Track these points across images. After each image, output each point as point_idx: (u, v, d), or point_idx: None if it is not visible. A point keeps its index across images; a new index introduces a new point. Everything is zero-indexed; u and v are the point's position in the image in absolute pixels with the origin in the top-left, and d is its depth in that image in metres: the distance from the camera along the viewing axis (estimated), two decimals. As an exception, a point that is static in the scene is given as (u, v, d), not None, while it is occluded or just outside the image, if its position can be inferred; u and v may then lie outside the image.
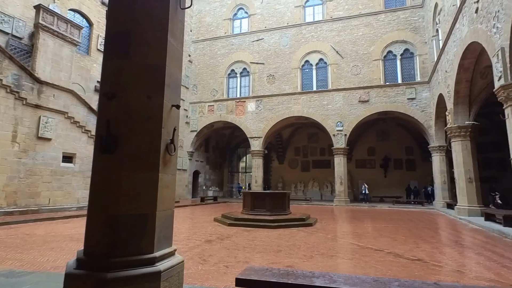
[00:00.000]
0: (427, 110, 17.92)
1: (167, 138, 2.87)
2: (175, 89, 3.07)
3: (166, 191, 2.84)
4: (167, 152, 2.86)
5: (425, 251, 6.05)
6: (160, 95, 2.82)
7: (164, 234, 2.79)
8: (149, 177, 2.67)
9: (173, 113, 3.01)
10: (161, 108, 2.81)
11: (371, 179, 23.60)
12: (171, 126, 2.95)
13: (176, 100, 3.06)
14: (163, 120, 2.82)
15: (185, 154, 22.53)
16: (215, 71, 23.13)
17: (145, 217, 2.61)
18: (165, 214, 2.82)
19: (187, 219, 11.50)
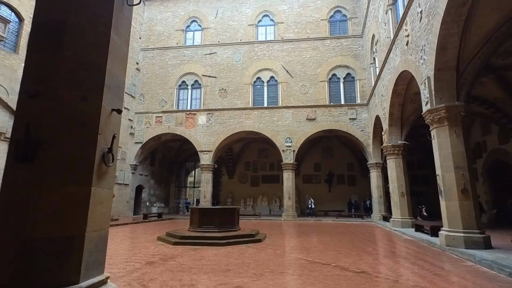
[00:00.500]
0: (366, 129, 19.55)
1: (104, 146, 2.51)
2: (117, 91, 2.73)
3: (100, 208, 2.44)
4: (103, 162, 2.48)
5: (367, 263, 6.32)
6: (98, 97, 2.47)
7: (94, 259, 2.37)
8: (78, 191, 2.27)
9: (114, 118, 2.66)
10: (99, 111, 2.46)
11: (317, 194, 24.63)
12: (110, 133, 2.59)
13: (117, 104, 2.71)
14: (100, 126, 2.46)
15: (127, 167, 20.89)
16: (165, 82, 22.30)
17: (70, 239, 2.18)
18: (97, 235, 2.41)
19: (126, 238, 10.46)
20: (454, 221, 7.43)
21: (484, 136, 15.87)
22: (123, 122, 20.28)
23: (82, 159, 2.30)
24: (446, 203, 7.65)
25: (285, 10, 22.48)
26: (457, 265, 6.07)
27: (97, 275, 2.37)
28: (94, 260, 2.35)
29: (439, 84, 8.03)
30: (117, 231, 12.42)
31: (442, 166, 7.83)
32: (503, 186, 14.94)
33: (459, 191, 7.40)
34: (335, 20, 22.08)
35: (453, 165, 7.58)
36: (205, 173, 20.67)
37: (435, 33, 7.65)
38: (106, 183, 2.52)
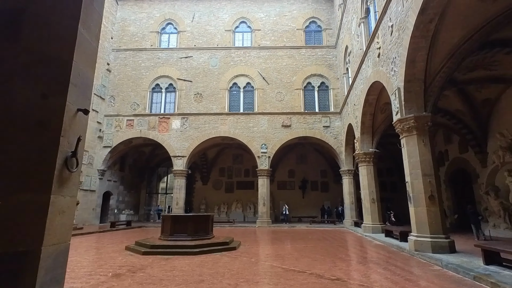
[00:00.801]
0: (339, 137, 20.09)
1: (67, 149, 2.27)
2: (84, 90, 2.50)
3: (61, 218, 2.19)
4: (65, 167, 2.24)
5: (342, 269, 6.36)
6: (61, 95, 2.23)
7: (52, 277, 2.10)
8: (34, 200, 2.01)
9: (79, 119, 2.43)
10: (62, 111, 2.22)
11: (291, 200, 24.82)
12: (75, 135, 2.35)
13: (84, 103, 2.48)
14: (63, 127, 2.22)
15: (95, 172, 19.78)
16: (138, 84, 21.54)
17: (23, 256, 1.92)
18: (56, 249, 2.15)
19: (91, 249, 9.79)
20: (422, 227, 7.73)
21: (446, 145, 16.91)
22: (91, 125, 19.27)
23: (40, 163, 2.05)
24: (415, 209, 7.96)
25: (262, 18, 22.75)
26: (426, 269, 6.28)
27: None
28: (52, 278, 2.08)
29: (409, 95, 8.42)
30: (81, 241, 11.62)
31: (411, 173, 8.17)
32: (463, 193, 15.94)
33: (427, 197, 7.74)
34: (310, 30, 22.69)
35: (421, 173, 7.93)
36: (178, 179, 20.08)
37: (405, 47, 8.04)
38: (68, 190, 2.27)
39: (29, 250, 1.94)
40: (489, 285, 4.82)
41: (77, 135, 2.36)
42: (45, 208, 2.04)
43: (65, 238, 2.26)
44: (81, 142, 2.40)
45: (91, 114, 19.55)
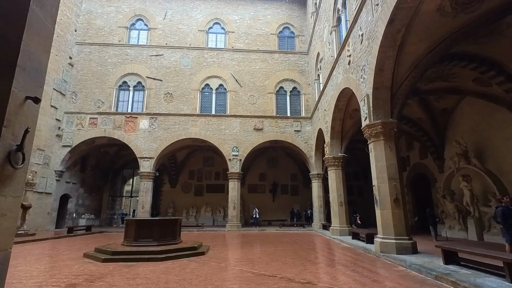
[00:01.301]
0: (309, 142, 20.48)
1: (11, 142, 1.97)
2: (35, 75, 2.20)
3: (1, 222, 1.88)
4: (8, 163, 1.94)
5: (312, 272, 6.36)
6: (5, 79, 1.94)
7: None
8: (-35, 200, 1.70)
9: (28, 108, 2.13)
10: (6, 97, 1.93)
11: (261, 204, 24.81)
12: (21, 127, 2.05)
13: (35, 91, 2.18)
14: (7, 116, 1.93)
15: (51, 173, 18.29)
16: (103, 80, 20.38)
17: None
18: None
19: (44, 257, 8.93)
20: (387, 229, 8.01)
21: (408, 151, 17.91)
22: (48, 122, 17.88)
23: (-25, 157, 1.74)
24: (381, 212, 8.24)
25: (236, 20, 22.69)
26: (391, 270, 6.48)
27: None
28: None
29: (377, 101, 8.74)
30: (33, 248, 10.60)
31: (378, 177, 8.46)
32: (423, 196, 16.93)
33: (392, 200, 8.04)
34: (284, 35, 23.02)
35: (387, 176, 8.24)
36: (144, 181, 19.20)
37: (374, 55, 8.35)
38: (11, 189, 1.96)
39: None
40: (449, 284, 5.05)
41: (25, 127, 2.06)
42: (-22, 210, 1.72)
43: (6, 245, 1.94)
44: (30, 134, 2.10)
45: (49, 111, 18.23)
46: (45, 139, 17.76)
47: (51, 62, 18.00)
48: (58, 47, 18.86)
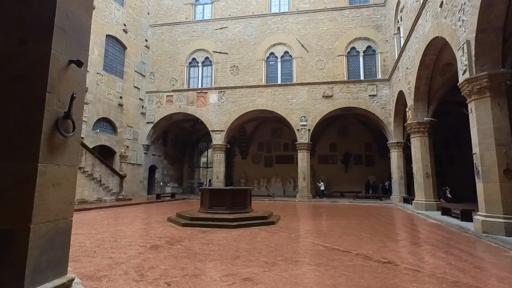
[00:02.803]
0: (387, 107, 18.31)
1: (58, 109, 1.86)
2: (76, 37, 2.04)
3: (55, 192, 1.84)
4: (57, 131, 1.84)
5: (393, 251, 5.65)
6: (44, 41, 1.80)
7: (49, 258, 1.79)
8: (17, 169, 1.65)
9: (73, 73, 1.99)
10: (46, 61, 1.79)
11: (332, 175, 23.91)
12: (67, 92, 1.93)
13: (78, 54, 2.03)
14: (50, 81, 1.80)
15: (140, 147, 20.74)
16: (175, 59, 21.55)
17: (8, 234, 1.60)
18: (52, 227, 1.82)
19: (136, 219, 10.22)
20: (493, 205, 6.56)
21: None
22: (134, 102, 19.92)
23: (23, 126, 1.67)
24: (484, 185, 6.77)
25: (301, -22, 20.83)
26: (499, 256, 5.30)
27: (55, 277, 1.81)
28: (49, 259, 1.78)
29: (481, 48, 6.90)
30: (129, 211, 12.29)
31: (481, 143, 6.87)
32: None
33: (501, 171, 6.48)
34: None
35: (495, 142, 6.61)
36: (217, 153, 20.24)
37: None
38: (64, 158, 1.90)
39: (15, 229, 1.61)
40: None
41: (71, 92, 1.93)
42: (31, 179, 1.67)
43: (64, 214, 1.92)
44: (77, 100, 1.98)
45: (133, 91, 20.24)
46: (132, 117, 20.01)
47: (130, 46, 19.72)
48: (135, 31, 20.43)
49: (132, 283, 3.64)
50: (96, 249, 5.57)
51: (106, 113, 17.78)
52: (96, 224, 8.80)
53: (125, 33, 19.35)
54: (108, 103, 17.95)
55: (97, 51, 17.10)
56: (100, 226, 8.42)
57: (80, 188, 13.84)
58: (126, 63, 19.65)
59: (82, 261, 4.70)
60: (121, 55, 19.38)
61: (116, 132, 18.69)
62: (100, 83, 17.31)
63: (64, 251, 1.90)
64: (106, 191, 15.37)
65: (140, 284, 3.59)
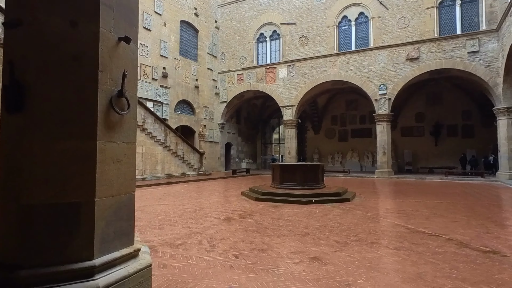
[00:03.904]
0: (493, 64, 14.91)
1: (111, 88, 1.90)
2: (124, 13, 2.02)
3: (116, 168, 1.92)
4: (112, 109, 1.89)
5: (499, 238, 4.66)
6: (92, 20, 1.81)
7: (115, 229, 1.91)
8: (77, 147, 1.75)
9: (123, 50, 2.00)
10: (96, 40, 1.81)
11: (419, 149, 21.30)
12: (119, 70, 1.95)
13: (127, 30, 2.02)
14: (101, 60, 1.83)
15: (216, 126, 22.04)
16: (243, 36, 21.62)
17: (75, 206, 1.73)
18: (116, 201, 1.92)
19: (214, 192, 11.00)
20: None
21: None
22: (208, 83, 20.99)
23: (79, 105, 1.75)
24: None
25: None
26: None
27: (122, 247, 1.93)
28: (116, 230, 1.90)
29: None
30: (208, 185, 13.33)
31: None
32: None
33: None
34: None
35: None
36: (288, 129, 20.05)
37: None
38: (121, 136, 1.96)
39: (82, 202, 1.73)
40: None
41: (122, 70, 1.94)
42: (92, 156, 1.76)
43: (126, 189, 2.00)
44: (129, 77, 1.99)
45: (207, 73, 21.31)
46: (207, 98, 21.23)
47: (201, 29, 20.53)
48: (205, 13, 21.11)
49: (204, 253, 3.85)
50: (178, 218, 6.15)
51: (184, 96, 19.26)
52: (180, 196, 9.79)
53: (196, 16, 20.17)
54: (186, 86, 19.34)
55: (173, 37, 18.35)
56: (183, 198, 9.33)
57: (168, 164, 15.59)
58: (199, 46, 20.62)
59: (165, 229, 5.23)
60: (194, 39, 20.39)
61: (194, 112, 20.17)
62: (178, 68, 18.68)
63: (129, 223, 2.02)
64: (188, 166, 16.97)
65: (210, 255, 3.78)
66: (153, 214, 6.58)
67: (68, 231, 1.69)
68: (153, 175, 14.61)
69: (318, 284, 2.89)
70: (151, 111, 15.15)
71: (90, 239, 1.74)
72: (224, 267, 3.35)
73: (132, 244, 2.03)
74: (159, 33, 17.38)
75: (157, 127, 14.94)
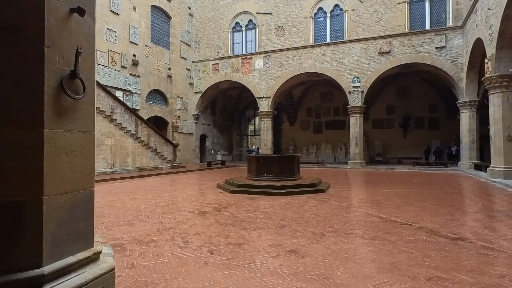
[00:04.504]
0: (458, 60, 15.68)
1: (61, 67, 1.62)
2: (77, -20, 1.72)
3: (69, 161, 1.66)
4: (63, 92, 1.62)
5: (465, 225, 4.88)
6: (35, -16, 1.51)
7: (70, 231, 1.66)
8: (20, 136, 1.47)
9: (76, 24, 1.72)
10: (41, 9, 1.52)
11: (389, 140, 22.17)
12: (71, 47, 1.67)
13: (81, 1, 1.74)
14: (48, 34, 1.54)
15: (190, 117, 21.44)
16: (218, 25, 21.02)
17: (18, 206, 1.46)
18: (71, 198, 1.67)
19: (188, 185, 10.69)
20: None
21: None
22: (181, 72, 20.26)
23: (21, 86, 1.47)
24: None
25: None
26: None
27: (79, 251, 1.70)
28: (70, 232, 1.66)
29: None
30: (182, 178, 12.95)
31: None
32: None
33: None
34: None
35: None
36: (264, 120, 19.96)
37: None
38: (75, 124, 1.70)
39: (26, 200, 1.47)
40: None
41: (75, 46, 1.67)
42: (38, 147, 1.49)
43: (84, 184, 1.75)
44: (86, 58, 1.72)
45: (180, 62, 20.56)
46: (181, 88, 20.53)
47: (174, 16, 19.65)
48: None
49: (176, 249, 3.65)
50: (149, 213, 5.85)
51: (157, 85, 18.47)
52: (153, 189, 9.39)
53: (168, 2, 19.25)
54: (158, 75, 18.54)
55: (143, 23, 17.41)
56: (155, 191, 8.96)
57: (139, 156, 14.95)
58: (172, 33, 19.78)
59: (135, 225, 4.94)
60: (167, 26, 19.51)
61: (167, 103, 19.45)
62: (149, 56, 17.82)
63: (87, 223, 1.78)
64: (161, 159, 16.40)
65: (184, 251, 3.59)
66: (123, 209, 6.22)
67: (9, 235, 1.44)
68: (124, 168, 13.95)
69: (296, 278, 2.82)
70: (121, 100, 14.36)
71: (38, 244, 1.49)
72: (198, 264, 3.18)
73: (91, 246, 1.80)
74: (128, 18, 16.39)
75: (127, 118, 14.22)
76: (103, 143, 12.82)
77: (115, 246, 3.76)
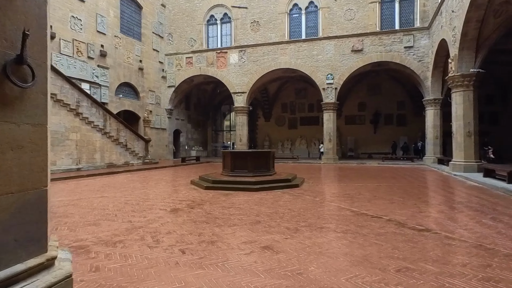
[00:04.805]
0: (424, 59, 16.48)
1: (4, 50, 1.42)
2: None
3: (15, 157, 1.47)
4: (7, 79, 1.42)
5: (430, 216, 5.13)
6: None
7: (18, 236, 1.48)
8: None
9: (21, 2, 1.52)
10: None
11: (361, 136, 22.94)
12: (16, 28, 1.47)
13: (27, -24, 1.53)
14: (-14, 10, 1.33)
15: (163, 111, 20.79)
16: (192, 17, 20.47)
17: (-49, 211, 1.26)
18: (15, 200, 1.48)
19: (161, 182, 10.36)
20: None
21: None
22: (154, 65, 19.56)
23: (-47, 70, 1.26)
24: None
25: None
26: (559, 224, 4.60)
27: (29, 257, 1.52)
28: (18, 237, 1.48)
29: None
30: (154, 174, 12.54)
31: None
32: None
33: None
34: None
35: None
36: (239, 116, 19.83)
37: None
38: (23, 115, 1.51)
39: (-39, 203, 1.27)
40: None
41: (22, 27, 1.47)
42: (-25, 141, 1.29)
43: (35, 184, 1.57)
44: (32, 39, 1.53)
45: (153, 54, 19.79)
46: (153, 81, 19.81)
47: (146, 6, 18.84)
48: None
49: (146, 250, 3.48)
50: (117, 212, 5.57)
51: (127, 78, 17.67)
52: (122, 187, 8.99)
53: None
54: (129, 68, 17.73)
55: (112, 12, 16.51)
56: (125, 189, 8.58)
57: (108, 152, 14.26)
58: (143, 24, 18.96)
59: (102, 225, 4.67)
60: (137, 16, 18.66)
61: (139, 97, 18.70)
62: (119, 47, 16.97)
63: (40, 227, 1.60)
64: (132, 155, 15.77)
65: (153, 251, 3.43)
66: (88, 208, 5.87)
67: None
68: (91, 164, 13.25)
69: (270, 275, 2.78)
70: (87, 93, 13.57)
71: (-23, 252, 1.31)
72: (169, 264, 3.05)
73: (45, 251, 1.62)
74: (95, 6, 15.46)
75: (95, 112, 13.47)
76: (68, 138, 12.06)
77: (79, 248, 3.52)
